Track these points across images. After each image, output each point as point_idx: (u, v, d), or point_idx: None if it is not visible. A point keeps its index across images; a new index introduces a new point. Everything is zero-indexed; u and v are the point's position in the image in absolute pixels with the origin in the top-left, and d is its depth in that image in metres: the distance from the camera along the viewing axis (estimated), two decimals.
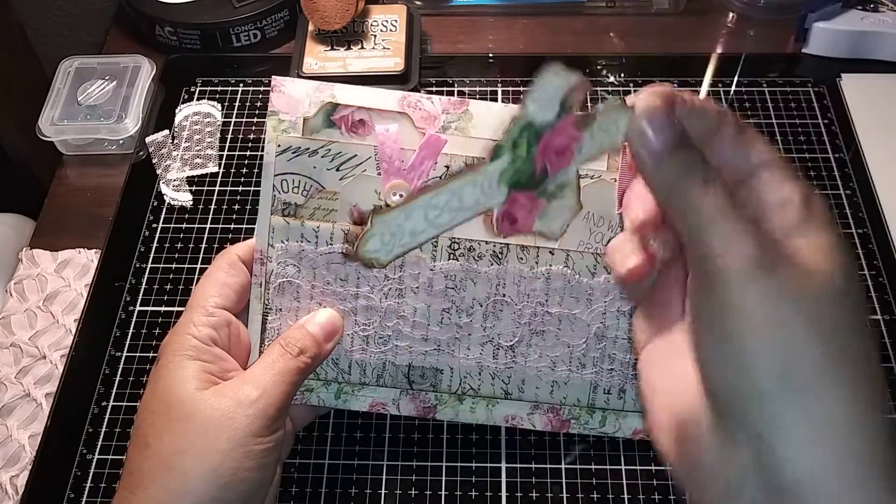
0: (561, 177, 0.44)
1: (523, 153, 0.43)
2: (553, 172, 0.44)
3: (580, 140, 0.43)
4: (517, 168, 0.43)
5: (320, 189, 0.50)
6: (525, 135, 0.43)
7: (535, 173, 0.44)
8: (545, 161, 0.44)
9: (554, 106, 0.42)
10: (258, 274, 0.51)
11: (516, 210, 0.44)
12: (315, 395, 0.52)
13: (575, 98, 0.42)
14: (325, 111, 0.50)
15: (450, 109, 0.50)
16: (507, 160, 0.43)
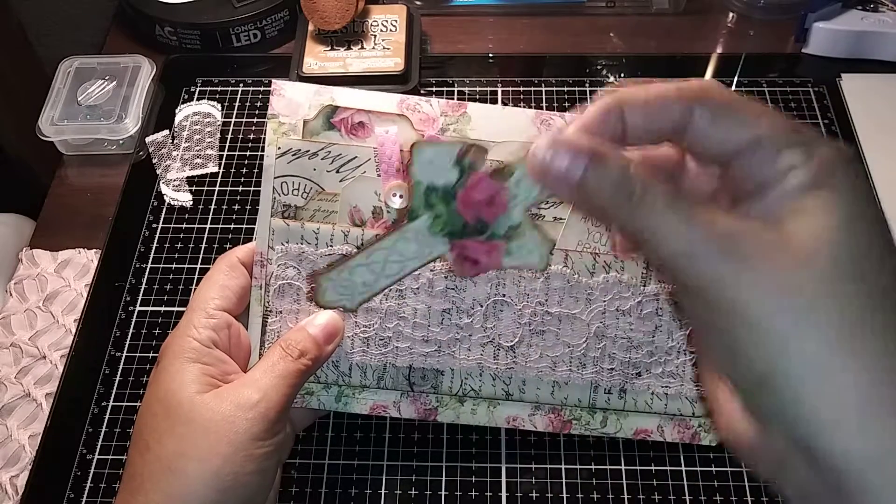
0: (504, 222, 0.46)
1: (442, 210, 0.47)
2: (492, 220, 0.46)
3: (505, 189, 0.46)
4: (444, 220, 0.47)
5: (320, 191, 0.50)
6: (433, 196, 0.46)
7: (467, 223, 0.47)
8: (476, 212, 0.46)
9: (449, 170, 0.47)
10: (258, 276, 0.51)
11: (472, 253, 0.47)
12: (315, 398, 0.52)
13: (473, 157, 0.47)
14: (325, 114, 0.50)
15: (448, 112, 0.50)
16: (427, 217, 0.46)
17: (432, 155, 0.46)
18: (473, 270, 0.45)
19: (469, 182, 0.45)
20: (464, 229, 0.46)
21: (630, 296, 0.51)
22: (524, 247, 0.45)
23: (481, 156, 0.45)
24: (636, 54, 0.90)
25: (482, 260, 0.45)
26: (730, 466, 0.63)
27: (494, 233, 0.45)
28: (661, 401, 0.52)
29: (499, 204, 0.45)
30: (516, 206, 0.45)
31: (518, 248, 0.45)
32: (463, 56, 0.90)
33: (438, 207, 0.46)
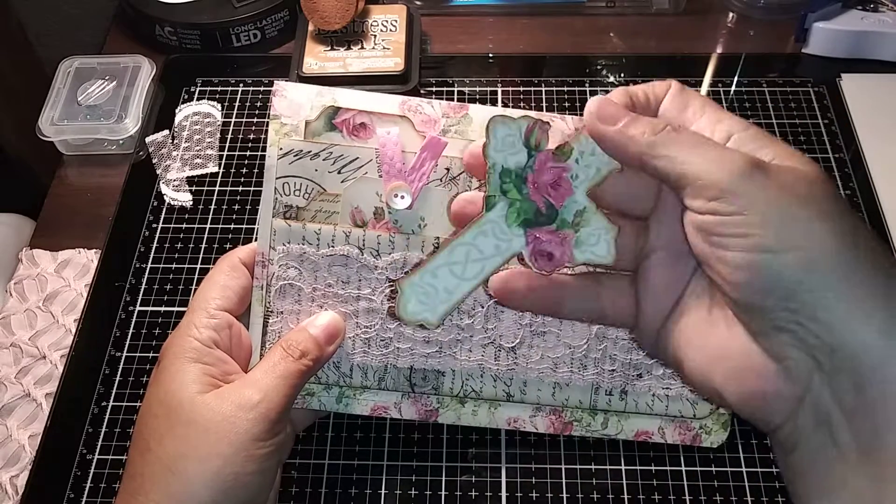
0: (572, 206, 0.45)
1: (516, 195, 0.45)
2: (559, 204, 0.45)
3: (568, 169, 0.45)
4: (518, 208, 0.45)
5: (322, 191, 0.50)
6: (507, 180, 0.45)
7: (539, 210, 0.45)
8: (545, 196, 0.45)
9: (519, 149, 0.45)
10: (259, 277, 0.51)
11: (546, 246, 0.45)
12: (316, 399, 0.52)
13: (538, 136, 0.45)
14: (326, 115, 0.50)
15: (450, 113, 0.50)
16: (503, 205, 0.45)
17: (505, 133, 0.45)
18: (549, 266, 0.45)
19: (537, 163, 0.45)
20: (536, 217, 0.45)
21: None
22: (592, 235, 0.45)
23: (545, 132, 0.45)
24: (636, 54, 0.90)
25: (556, 253, 0.44)
26: (730, 466, 0.63)
27: (564, 219, 0.45)
28: (662, 402, 0.52)
29: (564, 185, 0.45)
30: (579, 187, 0.45)
31: (587, 237, 0.45)
32: (463, 56, 0.90)
33: (512, 193, 0.45)
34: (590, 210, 0.45)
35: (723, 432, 0.52)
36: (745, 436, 0.64)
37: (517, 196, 0.45)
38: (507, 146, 0.45)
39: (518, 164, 0.45)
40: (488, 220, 0.45)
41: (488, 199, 0.45)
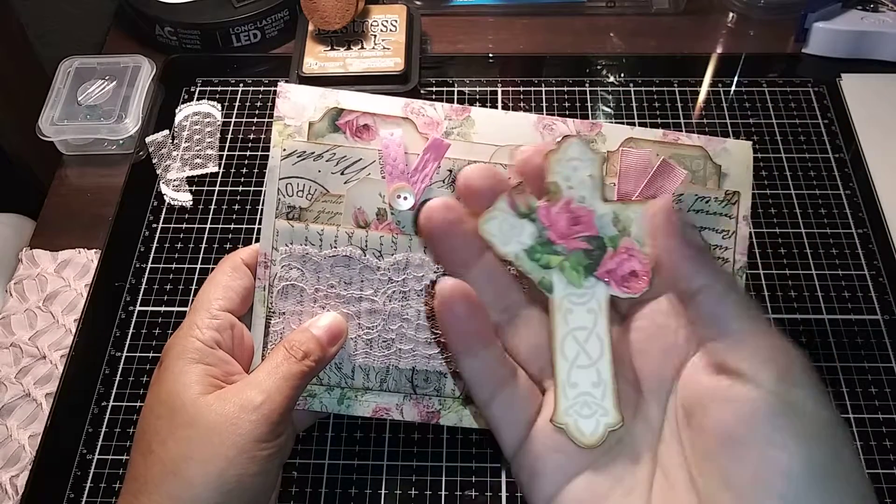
0: (604, 221, 0.43)
1: (558, 259, 0.43)
2: (595, 231, 0.43)
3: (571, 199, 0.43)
4: (570, 266, 0.42)
5: (325, 192, 0.50)
6: (538, 256, 0.42)
7: (587, 250, 0.43)
8: (579, 237, 0.43)
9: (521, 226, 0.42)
10: (262, 277, 0.51)
11: (622, 269, 0.43)
12: (318, 400, 0.52)
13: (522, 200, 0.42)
14: (330, 116, 0.50)
15: (452, 116, 0.50)
16: (558, 276, 0.42)
17: (498, 223, 0.42)
18: (641, 281, 0.42)
19: (543, 220, 0.42)
20: (591, 257, 0.42)
21: None
22: (642, 225, 0.42)
23: (522, 190, 0.43)
24: (636, 54, 0.90)
25: (635, 266, 0.42)
26: None
27: (611, 237, 0.42)
28: None
29: (581, 213, 0.42)
30: (593, 203, 0.43)
31: (641, 230, 0.42)
32: (463, 56, 0.90)
33: (553, 260, 0.42)
34: (620, 210, 0.43)
35: None
36: None
37: (559, 259, 0.43)
38: (510, 232, 0.42)
39: (532, 237, 0.43)
40: (559, 298, 0.42)
41: (542, 284, 0.42)
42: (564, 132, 0.48)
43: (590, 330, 0.42)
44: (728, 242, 0.51)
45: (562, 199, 0.42)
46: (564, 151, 0.42)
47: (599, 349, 0.42)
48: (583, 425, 0.41)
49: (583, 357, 0.41)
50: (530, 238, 0.42)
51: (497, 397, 0.41)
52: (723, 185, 0.51)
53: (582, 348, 0.42)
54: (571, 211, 0.42)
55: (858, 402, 0.65)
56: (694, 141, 0.51)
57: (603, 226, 0.43)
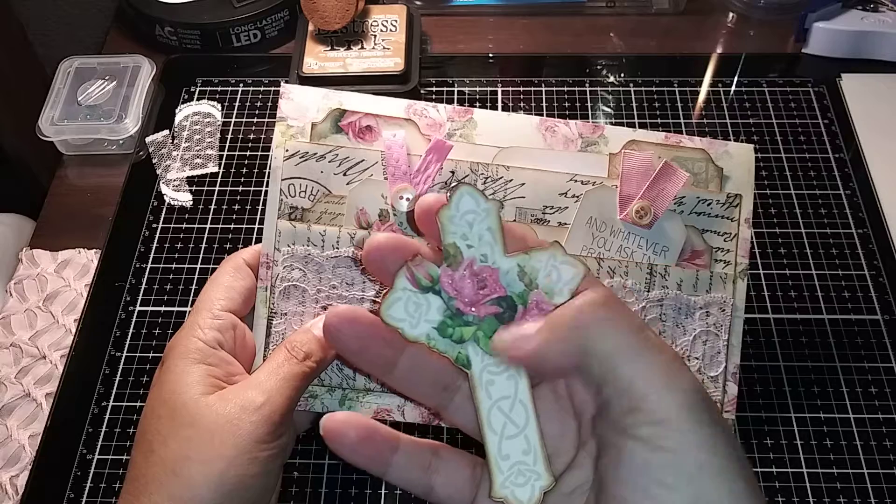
0: (511, 277, 0.41)
1: (470, 330, 0.42)
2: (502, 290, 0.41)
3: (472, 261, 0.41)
4: (484, 334, 0.41)
5: (327, 193, 0.50)
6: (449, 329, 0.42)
7: (497, 314, 0.42)
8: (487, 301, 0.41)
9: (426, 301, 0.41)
10: (264, 278, 0.51)
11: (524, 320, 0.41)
12: (319, 401, 0.52)
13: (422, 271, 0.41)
14: (333, 117, 0.50)
15: (455, 117, 0.50)
16: (473, 348, 0.42)
17: (402, 305, 0.41)
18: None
19: (448, 290, 0.41)
20: (501, 319, 0.41)
21: (634, 301, 0.51)
22: (550, 274, 0.41)
23: (419, 261, 0.41)
24: (636, 54, 0.90)
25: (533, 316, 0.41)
26: None
27: (519, 294, 0.41)
28: None
29: (486, 274, 0.41)
30: (495, 258, 0.41)
31: (548, 281, 0.41)
32: (463, 56, 0.90)
33: (465, 332, 0.41)
34: (524, 262, 0.41)
35: None
36: (745, 436, 0.64)
37: (472, 329, 0.41)
38: (417, 312, 0.41)
39: (440, 311, 0.41)
40: (478, 371, 0.41)
41: (458, 360, 0.41)
42: (567, 134, 0.48)
43: (513, 398, 0.41)
44: (730, 245, 0.51)
45: (463, 262, 0.41)
46: (457, 206, 0.41)
47: (525, 415, 0.41)
48: (519, 494, 0.41)
49: (510, 427, 0.41)
50: (438, 313, 0.41)
51: (434, 485, 0.44)
52: (725, 187, 0.51)
53: (508, 418, 0.41)
54: (475, 273, 0.41)
55: (858, 402, 0.65)
56: (696, 143, 0.51)
57: (509, 282, 0.41)
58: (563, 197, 0.51)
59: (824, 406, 0.65)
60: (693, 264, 0.50)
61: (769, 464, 0.63)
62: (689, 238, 0.50)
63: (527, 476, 0.41)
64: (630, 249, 0.51)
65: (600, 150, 0.51)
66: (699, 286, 0.50)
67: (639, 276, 0.51)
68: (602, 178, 0.51)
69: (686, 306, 0.50)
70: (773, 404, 0.65)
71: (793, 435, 0.64)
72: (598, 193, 0.51)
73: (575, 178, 0.50)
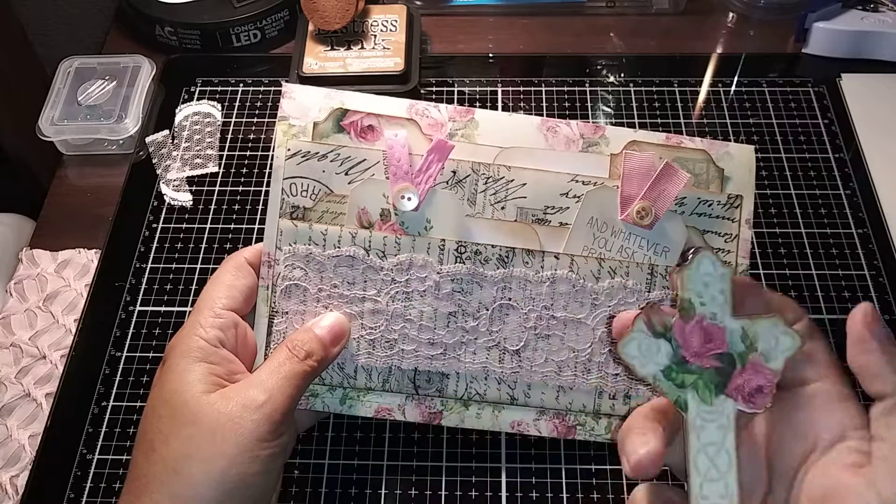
0: (734, 337, 0.45)
1: (692, 377, 0.45)
2: (725, 348, 0.45)
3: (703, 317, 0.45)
4: (704, 385, 0.45)
5: (329, 192, 0.50)
6: (674, 375, 0.45)
7: (718, 368, 0.45)
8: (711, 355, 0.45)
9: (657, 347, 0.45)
10: (265, 277, 0.51)
11: (749, 385, 0.45)
12: (320, 400, 0.52)
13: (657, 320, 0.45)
14: (335, 116, 0.50)
15: (456, 117, 0.50)
16: (692, 395, 0.45)
17: (638, 345, 0.45)
18: (765, 397, 0.44)
19: (678, 339, 0.45)
20: (722, 376, 0.44)
21: (635, 301, 0.51)
22: (769, 341, 0.44)
23: (657, 310, 0.45)
24: (636, 54, 0.90)
25: (760, 382, 0.44)
26: None
27: (740, 354, 0.44)
28: None
29: (713, 331, 0.45)
30: (723, 319, 0.44)
31: (767, 347, 0.44)
32: (463, 56, 0.90)
33: (688, 379, 0.45)
34: (748, 326, 0.45)
35: None
36: None
37: (693, 377, 0.45)
38: (648, 353, 0.45)
39: (669, 356, 0.45)
40: (693, 416, 0.44)
41: (678, 403, 0.45)
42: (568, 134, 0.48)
43: (719, 445, 0.44)
44: (731, 246, 0.51)
45: (695, 317, 0.45)
46: (697, 267, 0.45)
47: (728, 462, 0.44)
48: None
49: (713, 471, 0.44)
50: (667, 358, 0.45)
51: None
52: (725, 188, 0.51)
53: (712, 462, 0.44)
54: (704, 328, 0.45)
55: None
56: (697, 144, 0.51)
57: (733, 342, 0.45)
58: (564, 197, 0.51)
59: None
60: None
61: None
62: (689, 239, 0.51)
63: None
64: (631, 250, 0.51)
65: (601, 151, 0.51)
66: None
67: (640, 277, 0.51)
68: (603, 178, 0.51)
69: None
70: None
71: None
72: (599, 194, 0.51)
73: (576, 179, 0.51)
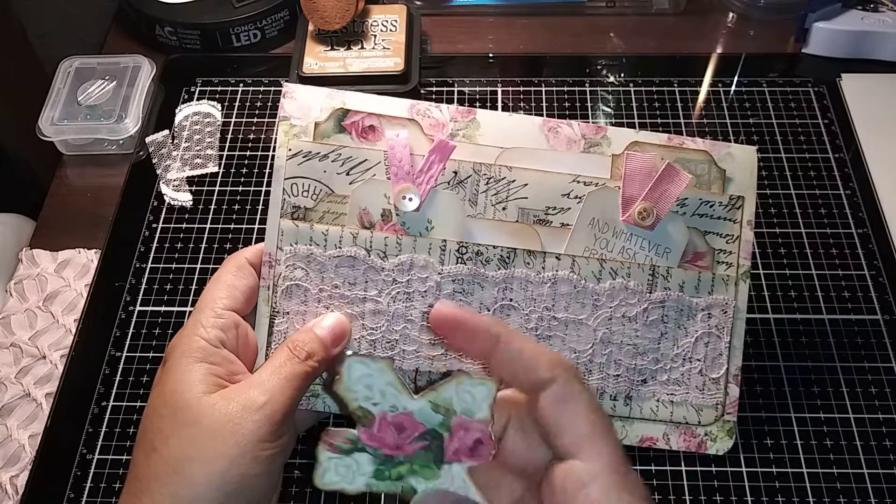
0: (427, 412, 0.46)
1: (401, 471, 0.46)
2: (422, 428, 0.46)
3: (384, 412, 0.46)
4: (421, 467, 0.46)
5: (330, 193, 0.50)
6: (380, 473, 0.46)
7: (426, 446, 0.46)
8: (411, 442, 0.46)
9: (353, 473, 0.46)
10: (266, 277, 0.51)
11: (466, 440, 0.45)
12: (321, 400, 0.52)
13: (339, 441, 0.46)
14: (336, 116, 0.50)
15: (457, 117, 0.50)
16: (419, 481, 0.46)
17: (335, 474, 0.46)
18: (488, 445, 0.45)
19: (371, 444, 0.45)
20: (433, 448, 0.46)
21: (636, 302, 0.51)
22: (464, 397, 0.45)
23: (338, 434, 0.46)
24: (636, 54, 0.90)
25: (476, 435, 0.45)
26: (730, 467, 0.63)
27: (440, 423, 0.45)
28: (667, 408, 0.52)
29: (401, 419, 0.45)
30: (405, 403, 0.45)
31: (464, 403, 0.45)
32: (463, 56, 0.90)
33: (400, 470, 0.46)
34: (434, 397, 0.45)
35: (728, 439, 0.52)
36: (745, 436, 0.64)
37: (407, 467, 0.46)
38: (348, 472, 0.45)
39: (372, 462, 0.45)
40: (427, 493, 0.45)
41: (404, 492, 0.45)
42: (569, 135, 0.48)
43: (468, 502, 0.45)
44: (732, 247, 0.51)
45: (375, 419, 0.45)
46: (349, 376, 0.45)
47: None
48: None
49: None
50: (370, 464, 0.45)
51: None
52: (727, 189, 0.51)
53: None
54: (391, 423, 0.45)
55: (858, 402, 0.66)
56: (699, 145, 0.51)
57: (426, 419, 0.45)
58: (565, 198, 0.51)
59: (824, 406, 0.65)
60: (695, 266, 0.51)
61: (769, 464, 0.63)
62: (691, 240, 0.51)
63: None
64: (632, 251, 0.51)
65: (603, 152, 0.51)
66: (701, 288, 0.50)
67: (641, 278, 0.51)
68: (605, 179, 0.51)
69: (688, 308, 0.50)
70: (773, 404, 0.65)
71: (793, 435, 0.64)
72: (600, 194, 0.51)
73: (578, 179, 0.51)
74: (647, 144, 0.51)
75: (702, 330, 0.50)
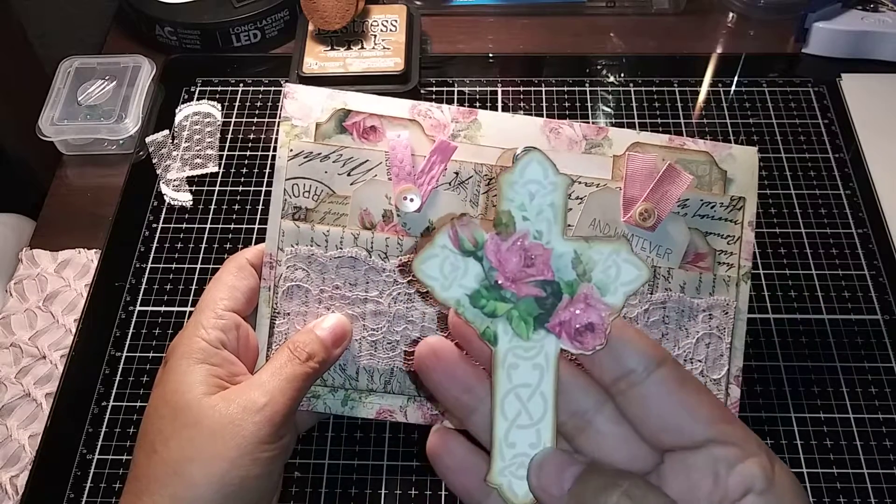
0: (563, 263, 0.38)
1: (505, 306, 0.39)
2: (550, 274, 0.38)
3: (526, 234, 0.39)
4: (519, 315, 0.38)
5: (331, 193, 0.50)
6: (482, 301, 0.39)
7: (538, 297, 0.38)
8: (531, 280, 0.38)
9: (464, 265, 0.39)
10: (267, 277, 0.51)
11: (578, 321, 0.38)
12: (321, 401, 0.52)
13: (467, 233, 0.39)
14: (337, 117, 0.50)
15: (459, 118, 0.50)
16: (503, 327, 0.39)
17: (436, 263, 0.38)
18: (598, 337, 0.38)
19: (491, 259, 0.38)
20: (543, 306, 0.38)
21: (637, 303, 0.51)
22: (608, 269, 0.38)
23: (467, 223, 0.38)
24: (636, 54, 0.90)
25: (592, 318, 0.38)
26: None
27: (568, 282, 0.38)
28: None
29: (536, 252, 0.38)
30: (551, 239, 0.38)
31: (605, 276, 0.38)
32: (463, 56, 0.90)
33: (499, 308, 0.38)
34: (583, 250, 0.38)
35: None
36: None
37: (506, 307, 0.38)
38: (452, 274, 0.38)
39: (478, 279, 0.38)
40: (503, 351, 0.38)
41: (485, 335, 0.38)
42: (571, 136, 0.48)
43: (534, 388, 0.38)
44: (733, 248, 0.51)
45: (514, 234, 0.38)
46: (522, 172, 0.38)
47: (542, 409, 0.38)
48: (516, 487, 0.38)
49: (524, 416, 0.38)
50: (475, 280, 0.38)
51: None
52: (728, 190, 0.51)
53: (524, 407, 0.38)
54: (525, 249, 0.38)
55: (858, 402, 0.66)
56: (700, 146, 0.51)
57: (560, 268, 0.38)
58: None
59: (824, 406, 0.65)
60: (696, 267, 0.51)
61: None
62: (692, 240, 0.51)
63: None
64: None
65: (604, 152, 0.51)
66: (702, 289, 0.50)
67: None
68: (606, 179, 0.51)
69: (689, 309, 0.50)
70: (773, 404, 0.66)
71: (793, 435, 0.64)
72: (601, 195, 0.51)
73: (579, 180, 0.50)
74: (648, 145, 0.51)
75: (703, 331, 0.50)
